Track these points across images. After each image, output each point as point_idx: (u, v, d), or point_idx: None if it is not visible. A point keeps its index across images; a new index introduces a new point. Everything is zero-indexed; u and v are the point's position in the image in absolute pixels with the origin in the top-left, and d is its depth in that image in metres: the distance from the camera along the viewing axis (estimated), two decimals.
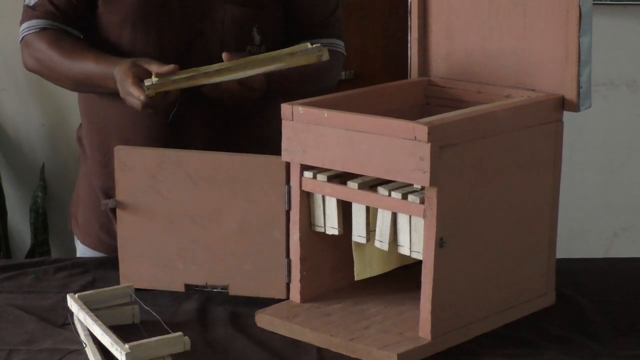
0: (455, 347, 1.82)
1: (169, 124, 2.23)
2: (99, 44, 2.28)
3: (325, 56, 2.08)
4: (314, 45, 2.06)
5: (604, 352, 1.80)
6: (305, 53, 2.06)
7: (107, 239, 2.34)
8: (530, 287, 1.95)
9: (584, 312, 1.96)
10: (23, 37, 2.30)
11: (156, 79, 2.05)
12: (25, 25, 2.29)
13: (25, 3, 2.31)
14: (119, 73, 2.12)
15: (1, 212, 3.95)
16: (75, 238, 2.46)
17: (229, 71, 2.06)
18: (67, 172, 3.96)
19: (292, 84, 2.28)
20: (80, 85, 2.27)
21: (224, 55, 2.11)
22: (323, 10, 2.36)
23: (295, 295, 1.95)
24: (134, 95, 2.07)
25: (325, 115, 1.84)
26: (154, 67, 2.09)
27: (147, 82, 2.05)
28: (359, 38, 4.11)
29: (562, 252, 2.08)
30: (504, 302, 1.90)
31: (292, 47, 2.08)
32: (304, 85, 2.31)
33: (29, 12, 2.30)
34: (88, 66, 2.20)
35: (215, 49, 2.23)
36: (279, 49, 2.14)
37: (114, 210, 2.05)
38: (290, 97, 1.99)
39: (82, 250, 2.42)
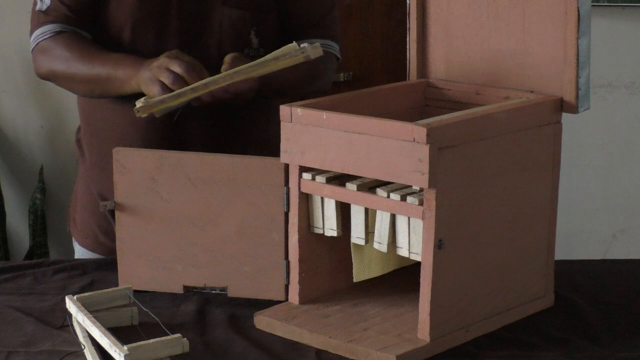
0: (454, 349, 1.82)
1: (170, 125, 2.23)
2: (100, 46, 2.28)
3: (316, 52, 2.05)
4: (301, 45, 2.01)
5: (603, 354, 1.80)
6: (290, 56, 2.03)
7: (105, 241, 2.34)
8: (528, 289, 1.95)
9: (583, 313, 1.96)
10: (38, 44, 2.28)
11: (145, 100, 2.06)
12: (38, 31, 2.28)
13: (37, 9, 2.29)
14: (165, 55, 2.12)
15: (0, 213, 3.95)
16: (74, 240, 2.46)
17: (214, 84, 2.05)
18: (66, 174, 3.96)
19: (285, 87, 2.27)
20: (96, 86, 2.24)
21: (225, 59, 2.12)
22: (318, 10, 2.34)
23: (294, 296, 1.95)
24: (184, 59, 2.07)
25: (324, 116, 1.84)
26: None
27: (137, 104, 2.06)
28: (358, 40, 4.12)
29: (560, 254, 2.08)
30: (502, 303, 1.90)
31: (276, 52, 2.04)
32: (297, 87, 2.31)
33: (42, 18, 2.28)
34: (111, 61, 2.19)
35: (213, 52, 2.23)
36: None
37: (112, 212, 2.05)
38: (284, 100, 1.98)
39: (81, 252, 2.42)
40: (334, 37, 2.38)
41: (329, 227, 1.91)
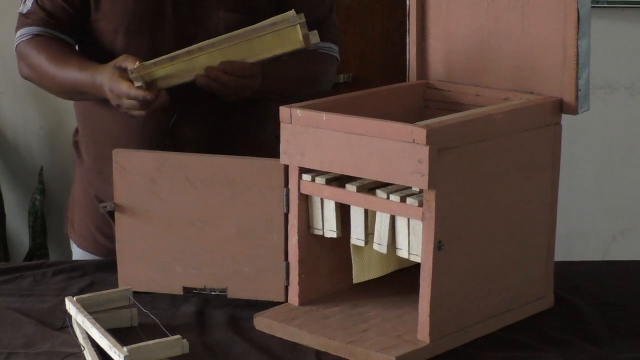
0: (454, 350, 1.82)
1: (165, 130, 2.23)
2: (94, 51, 2.28)
3: (314, 38, 2.07)
4: (297, 15, 2.05)
5: (603, 355, 1.80)
6: (287, 24, 2.04)
7: (104, 242, 2.34)
8: (528, 290, 1.95)
9: (583, 314, 1.96)
10: (17, 46, 2.30)
11: (138, 64, 2.06)
12: (18, 33, 2.30)
13: (19, 11, 2.31)
14: (106, 80, 2.11)
15: None
16: (72, 242, 2.46)
17: (211, 47, 2.06)
18: (66, 175, 3.95)
19: (287, 84, 2.26)
20: (68, 92, 2.26)
21: None
22: (316, 14, 2.33)
23: (293, 298, 1.95)
24: (131, 95, 2.06)
25: (324, 118, 1.84)
26: (131, 63, 2.09)
27: (130, 72, 2.06)
28: (358, 41, 4.12)
29: (560, 255, 2.08)
30: (502, 304, 1.90)
31: (273, 17, 2.08)
32: (298, 87, 2.30)
33: (22, 20, 2.30)
34: (73, 74, 2.20)
35: None
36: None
37: (111, 213, 2.05)
38: (284, 101, 1.98)
39: (79, 254, 2.42)
40: (332, 39, 2.38)
41: (329, 228, 1.91)
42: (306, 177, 1.90)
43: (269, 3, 2.28)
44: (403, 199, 1.78)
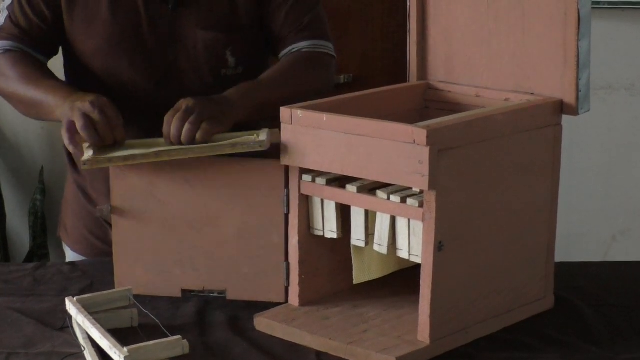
0: (454, 351, 1.82)
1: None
2: (73, 72, 2.27)
3: (276, 138, 1.97)
4: (260, 138, 1.97)
5: (603, 356, 1.80)
6: (248, 146, 1.98)
7: (97, 244, 2.34)
8: (528, 291, 1.95)
9: (583, 315, 1.97)
10: None
11: (92, 156, 1.96)
12: None
13: None
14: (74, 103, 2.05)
15: (0, 215, 3.95)
16: (64, 245, 2.45)
17: (167, 155, 1.96)
18: (66, 175, 3.96)
19: (283, 93, 2.20)
20: (31, 109, 2.20)
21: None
22: (300, 15, 2.28)
23: (294, 298, 1.95)
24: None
25: (324, 119, 1.84)
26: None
27: (84, 157, 1.96)
28: (358, 41, 4.12)
29: (560, 256, 2.08)
30: (502, 305, 1.90)
31: (234, 140, 1.98)
32: (297, 91, 2.26)
33: None
34: (40, 95, 2.15)
35: (188, 75, 2.22)
36: (255, 70, 2.13)
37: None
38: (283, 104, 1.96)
39: (72, 257, 2.41)
40: (322, 36, 2.31)
41: (329, 229, 1.91)
42: (306, 177, 1.90)
43: (251, 19, 2.25)
44: (403, 200, 1.78)
